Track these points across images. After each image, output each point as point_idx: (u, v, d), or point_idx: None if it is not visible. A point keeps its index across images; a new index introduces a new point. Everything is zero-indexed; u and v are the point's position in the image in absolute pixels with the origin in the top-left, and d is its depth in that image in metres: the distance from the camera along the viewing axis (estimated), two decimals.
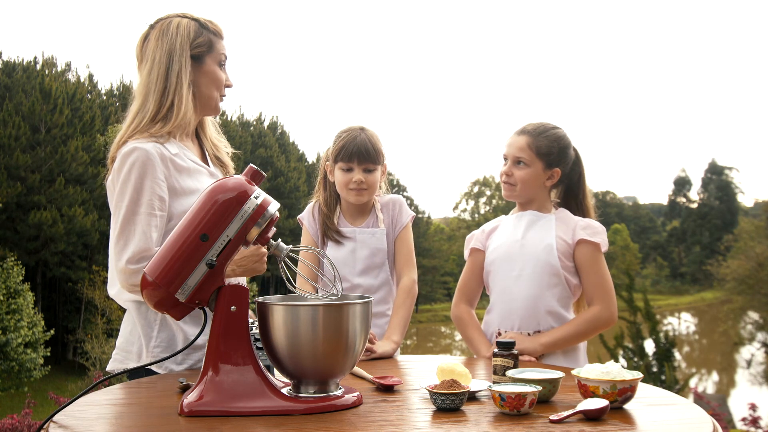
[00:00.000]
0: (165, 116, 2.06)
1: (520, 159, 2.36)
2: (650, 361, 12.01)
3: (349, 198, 2.46)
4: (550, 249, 2.29)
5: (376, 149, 2.44)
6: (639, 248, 61.43)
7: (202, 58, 2.11)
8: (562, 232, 2.32)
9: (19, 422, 5.37)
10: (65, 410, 1.51)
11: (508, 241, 2.38)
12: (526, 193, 2.38)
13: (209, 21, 2.16)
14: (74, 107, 29.83)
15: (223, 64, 2.18)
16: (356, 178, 2.41)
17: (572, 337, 2.26)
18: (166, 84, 2.06)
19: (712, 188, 68.99)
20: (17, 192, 26.97)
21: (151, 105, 2.06)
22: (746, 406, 6.50)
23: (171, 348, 2.01)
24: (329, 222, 2.49)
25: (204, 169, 2.16)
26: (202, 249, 1.49)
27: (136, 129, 2.04)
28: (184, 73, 2.07)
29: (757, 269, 29.44)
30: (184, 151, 2.10)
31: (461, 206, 61.14)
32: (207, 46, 2.12)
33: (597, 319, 2.26)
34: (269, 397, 1.49)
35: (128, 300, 2.07)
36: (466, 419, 1.45)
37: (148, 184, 1.96)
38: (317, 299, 1.62)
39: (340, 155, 2.43)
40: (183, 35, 2.08)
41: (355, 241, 2.45)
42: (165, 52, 2.06)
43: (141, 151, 1.97)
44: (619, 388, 1.52)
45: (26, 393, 16.43)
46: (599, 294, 2.28)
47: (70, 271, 28.35)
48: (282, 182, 37.22)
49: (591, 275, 2.29)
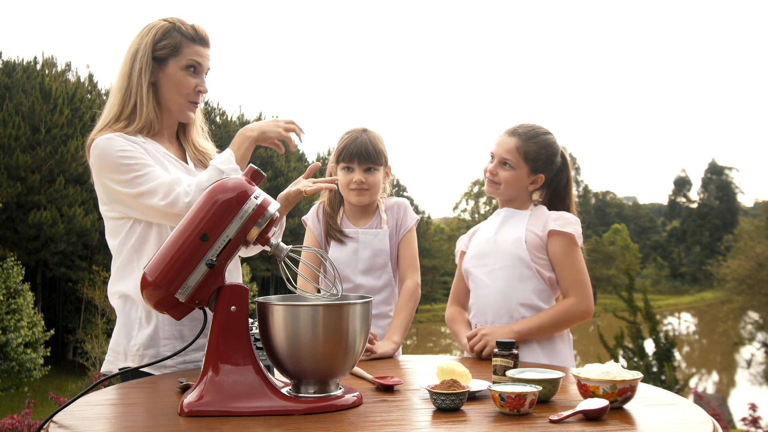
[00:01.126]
0: (129, 116, 2.08)
1: (506, 160, 2.37)
2: (650, 361, 12.03)
3: (350, 198, 2.47)
4: (519, 242, 2.30)
5: (377, 150, 2.44)
6: (639, 248, 61.40)
7: (165, 60, 2.09)
8: (533, 225, 2.34)
9: (19, 422, 5.37)
10: (65, 410, 1.51)
11: (483, 239, 2.42)
12: (509, 194, 2.41)
13: (189, 25, 2.12)
14: (74, 107, 29.85)
15: (193, 68, 2.11)
16: (356, 179, 2.42)
17: (545, 327, 2.25)
18: (128, 83, 2.08)
19: (712, 188, 69.00)
20: (17, 192, 26.96)
21: (115, 104, 2.09)
22: (746, 406, 6.50)
23: (151, 347, 2.01)
24: (332, 222, 2.49)
25: (179, 164, 2.15)
26: (202, 249, 1.49)
27: (102, 126, 2.07)
28: (144, 74, 2.07)
29: (757, 269, 29.44)
30: (154, 145, 2.10)
31: (461, 206, 61.32)
32: (171, 48, 2.08)
33: (570, 311, 2.26)
34: (269, 397, 1.49)
35: (116, 301, 2.08)
36: (466, 419, 1.45)
37: (122, 153, 1.97)
38: (317, 299, 1.62)
39: (342, 156, 2.46)
40: (150, 36, 2.08)
41: (358, 241, 2.46)
42: (130, 52, 2.09)
43: (102, 139, 2.00)
44: (619, 388, 1.52)
45: (26, 393, 16.41)
46: (573, 286, 2.28)
47: (70, 271, 28.34)
48: (282, 182, 37.15)
49: (564, 267, 2.29)
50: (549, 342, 2.30)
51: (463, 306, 2.50)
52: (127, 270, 2.05)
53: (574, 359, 2.40)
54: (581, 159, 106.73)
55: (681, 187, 73.50)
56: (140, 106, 2.07)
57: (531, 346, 2.27)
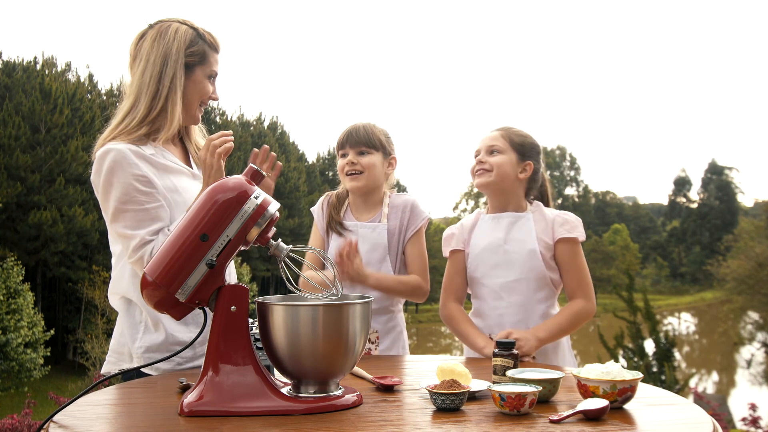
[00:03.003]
0: (154, 120, 2.05)
1: (494, 148, 2.37)
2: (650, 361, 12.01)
3: (346, 184, 2.50)
4: (534, 254, 2.29)
5: (370, 133, 2.46)
6: (639, 248, 61.42)
7: (193, 67, 2.10)
8: (541, 231, 2.33)
9: (19, 422, 5.37)
10: (65, 410, 1.51)
11: (490, 245, 2.36)
12: (501, 180, 2.35)
13: (208, 32, 2.14)
14: (74, 107, 29.82)
15: (212, 77, 2.16)
16: (348, 159, 2.45)
17: (564, 330, 2.27)
18: (158, 87, 2.05)
19: (712, 188, 69.00)
20: (17, 192, 26.95)
21: (141, 107, 2.05)
22: (746, 406, 6.50)
23: (157, 349, 2.02)
24: (335, 213, 2.51)
25: (185, 170, 2.16)
26: (202, 249, 1.49)
27: (124, 130, 2.04)
28: (177, 79, 2.06)
29: (757, 269, 29.42)
30: (162, 152, 2.10)
31: (461, 206, 61.34)
32: (200, 56, 2.10)
33: (582, 312, 2.28)
34: (269, 397, 1.49)
35: (118, 302, 2.08)
36: (466, 419, 1.45)
37: (128, 181, 1.96)
38: (317, 299, 1.62)
39: (338, 144, 2.51)
40: (180, 41, 2.07)
41: (356, 235, 2.46)
42: (160, 55, 2.05)
43: (115, 152, 1.98)
44: (619, 388, 1.52)
45: (26, 393, 16.41)
46: (581, 288, 2.31)
47: (70, 271, 28.34)
48: (282, 182, 37.19)
49: (572, 271, 2.31)
50: (559, 344, 2.33)
51: (460, 302, 2.46)
52: (129, 273, 2.04)
53: (574, 359, 2.40)
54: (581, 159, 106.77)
55: (681, 187, 73.53)
56: (171, 111, 2.06)
57: (544, 349, 2.27)
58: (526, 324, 2.28)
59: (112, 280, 2.11)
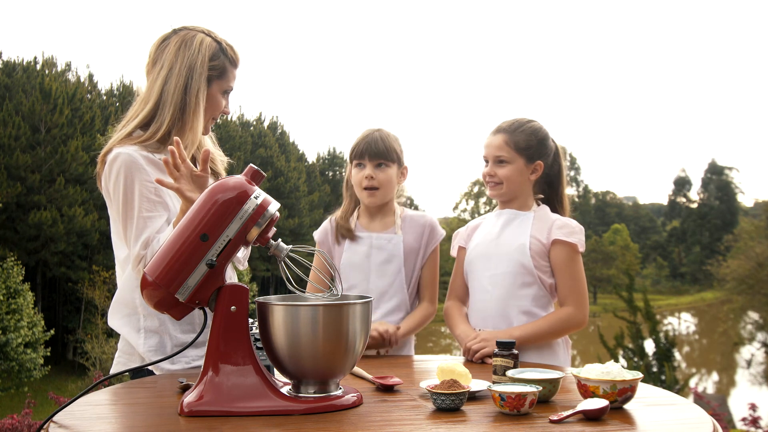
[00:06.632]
0: (178, 131, 2.03)
1: (500, 158, 2.36)
2: (650, 361, 12.02)
3: (363, 199, 2.47)
4: (523, 249, 2.29)
5: (388, 146, 2.44)
6: (639, 248, 61.38)
7: (211, 81, 2.08)
8: (537, 231, 2.32)
9: (19, 422, 5.37)
10: (65, 410, 1.51)
11: (485, 239, 2.39)
12: (513, 190, 2.38)
13: (230, 45, 2.12)
14: (74, 107, 29.81)
15: (227, 92, 2.14)
16: (367, 173, 2.42)
17: (543, 335, 2.25)
18: (184, 99, 2.02)
19: (712, 188, 69.00)
20: (17, 192, 26.96)
21: (167, 118, 2.02)
22: (746, 406, 6.50)
23: (162, 351, 2.02)
24: (343, 222, 2.50)
25: None
26: (202, 249, 1.49)
27: (147, 140, 2.01)
28: (201, 95, 2.04)
29: (757, 269, 29.44)
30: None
31: (461, 206, 61.30)
32: (219, 71, 2.08)
33: (567, 320, 2.26)
34: (269, 397, 1.49)
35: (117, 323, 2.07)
36: (466, 419, 1.45)
37: (137, 187, 1.96)
38: (317, 299, 1.62)
39: (354, 153, 2.48)
40: (204, 54, 2.04)
41: (371, 245, 2.45)
42: (185, 66, 2.02)
43: (125, 156, 1.97)
44: (619, 388, 1.52)
45: (26, 393, 16.43)
46: (572, 296, 2.28)
47: (70, 271, 28.35)
48: (282, 182, 37.16)
49: (565, 276, 2.29)
50: (548, 348, 2.30)
51: (462, 301, 2.47)
52: (135, 281, 2.04)
53: (570, 360, 2.39)
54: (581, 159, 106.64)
55: (681, 187, 73.50)
56: (194, 125, 2.03)
57: (528, 350, 2.25)
58: (507, 319, 2.28)
59: (116, 293, 2.09)
